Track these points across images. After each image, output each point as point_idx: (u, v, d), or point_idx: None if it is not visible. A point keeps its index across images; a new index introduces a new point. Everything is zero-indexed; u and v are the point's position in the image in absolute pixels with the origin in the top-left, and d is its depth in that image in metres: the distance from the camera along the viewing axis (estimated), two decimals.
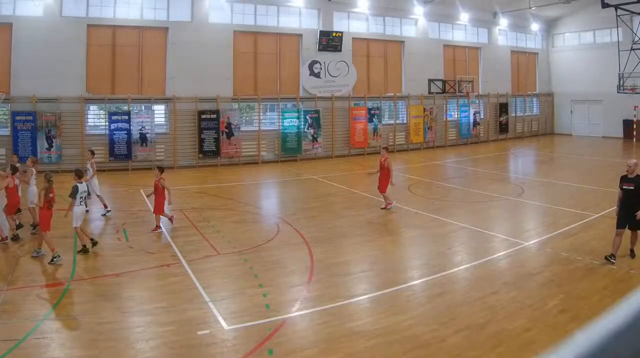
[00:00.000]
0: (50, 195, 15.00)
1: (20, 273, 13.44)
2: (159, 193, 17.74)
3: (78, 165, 28.60)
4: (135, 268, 13.70)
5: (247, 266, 13.84)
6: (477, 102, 46.86)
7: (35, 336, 9.71)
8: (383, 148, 22.15)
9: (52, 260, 14.10)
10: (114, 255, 15.03)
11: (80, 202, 15.57)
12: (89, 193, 16.82)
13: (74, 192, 15.40)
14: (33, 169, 18.59)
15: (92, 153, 21.33)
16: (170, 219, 18.00)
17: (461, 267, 13.90)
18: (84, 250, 15.04)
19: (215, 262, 14.29)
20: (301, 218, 19.50)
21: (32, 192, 17.48)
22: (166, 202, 17.87)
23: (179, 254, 14.81)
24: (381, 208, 20.45)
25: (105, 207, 20.03)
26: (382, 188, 20.74)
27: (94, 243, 15.61)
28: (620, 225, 13.85)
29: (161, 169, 18.33)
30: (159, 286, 12.57)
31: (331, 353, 9.19)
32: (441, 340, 9.55)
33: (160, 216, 17.79)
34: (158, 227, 17.48)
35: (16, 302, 11.41)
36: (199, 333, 9.92)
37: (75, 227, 15.34)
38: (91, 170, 20.18)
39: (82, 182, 15.90)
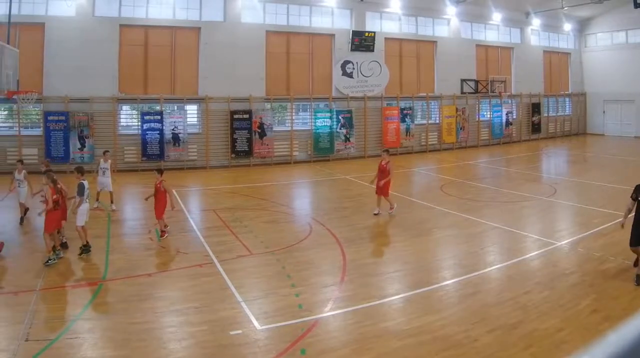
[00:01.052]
0: (54, 196, 13.93)
1: (53, 273, 12.75)
2: (160, 196, 16.23)
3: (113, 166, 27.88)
4: (168, 268, 13.32)
5: (280, 266, 13.25)
6: (509, 102, 43.94)
7: (68, 336, 9.35)
8: (384, 151, 19.99)
9: (47, 261, 13.17)
10: (146, 255, 14.43)
11: (86, 199, 14.69)
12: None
13: (81, 190, 14.39)
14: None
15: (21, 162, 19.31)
16: (162, 233, 16.13)
17: (493, 267, 13.30)
18: (86, 250, 14.08)
19: (247, 262, 13.66)
20: (333, 218, 18.45)
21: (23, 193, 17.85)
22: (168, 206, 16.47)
23: (211, 254, 14.11)
24: (388, 212, 18.76)
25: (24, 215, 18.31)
26: (384, 192, 18.74)
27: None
28: (635, 243, 12.03)
29: (161, 171, 16.80)
30: (192, 286, 12.02)
31: (363, 353, 8.82)
32: (473, 340, 9.16)
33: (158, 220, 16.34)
34: (164, 231, 16.05)
35: (49, 302, 10.99)
36: (231, 333, 9.52)
37: (79, 226, 14.29)
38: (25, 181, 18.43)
39: (85, 179, 14.79)
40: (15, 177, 18.21)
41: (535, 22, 45.35)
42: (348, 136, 35.49)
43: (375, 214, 18.52)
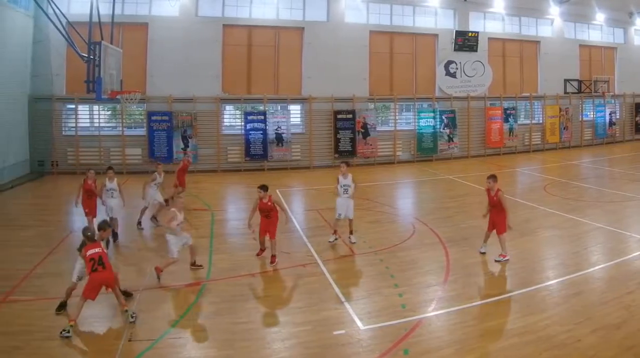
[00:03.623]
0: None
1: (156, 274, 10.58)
2: (274, 214, 11.59)
3: (214, 165, 24.11)
4: (271, 268, 11.24)
5: (383, 266, 11.40)
6: (613, 102, 35.83)
7: (171, 336, 8.04)
8: (489, 177, 11.83)
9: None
10: (249, 255, 12.03)
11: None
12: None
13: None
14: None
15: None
16: (274, 258, 11.68)
17: (596, 267, 11.22)
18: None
19: (351, 262, 11.88)
20: (437, 218, 15.70)
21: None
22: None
23: (314, 254, 12.10)
24: (495, 259, 11.65)
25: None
26: (497, 228, 11.61)
27: None
28: None
29: (266, 188, 11.55)
30: (295, 286, 10.39)
31: (467, 353, 7.47)
32: (577, 340, 7.76)
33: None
34: (275, 256, 11.57)
35: (152, 302, 9.31)
36: (335, 333, 8.15)
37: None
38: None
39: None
40: (107, 187, 13.21)
41: (639, 22, 37.24)
42: (451, 136, 29.07)
43: (481, 253, 12.02)
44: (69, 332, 7.89)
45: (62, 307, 8.73)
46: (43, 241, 12.96)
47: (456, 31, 29.71)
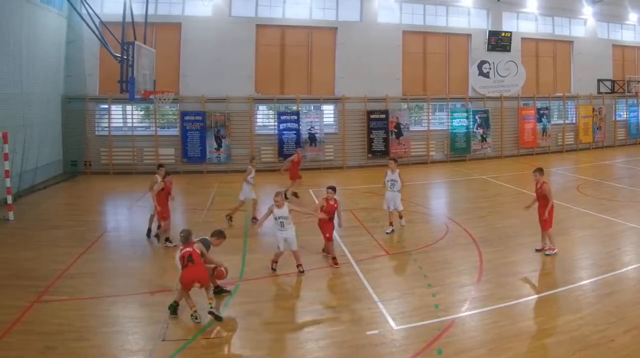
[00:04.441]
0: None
1: None
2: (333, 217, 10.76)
3: (247, 165, 21.93)
4: (305, 268, 10.09)
5: (416, 266, 10.59)
6: None
7: (204, 336, 7.53)
8: (535, 171, 11.59)
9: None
10: (284, 255, 10.41)
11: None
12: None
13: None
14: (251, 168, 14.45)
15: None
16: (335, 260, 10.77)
17: (630, 267, 10.33)
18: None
19: (384, 262, 10.98)
20: (470, 218, 14.78)
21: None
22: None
23: (348, 254, 11.22)
24: (545, 252, 11.46)
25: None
26: (543, 224, 11.32)
27: None
28: None
29: (334, 189, 10.92)
30: (328, 286, 9.75)
31: (500, 353, 7.02)
32: (610, 340, 7.27)
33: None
34: (335, 259, 10.70)
35: (185, 302, 8.19)
36: (368, 333, 7.63)
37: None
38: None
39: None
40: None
41: None
42: (484, 136, 27.11)
43: (537, 250, 11.54)
44: (197, 318, 7.91)
45: (173, 308, 8.32)
46: (76, 241, 12.30)
47: (489, 31, 27.75)
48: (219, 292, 8.89)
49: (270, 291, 9.42)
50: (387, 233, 12.88)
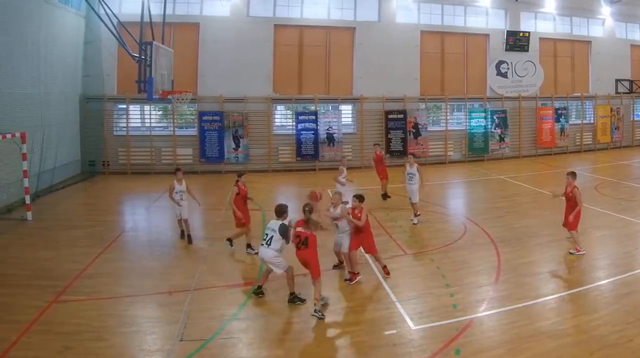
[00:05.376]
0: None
1: (207, 273, 9.94)
2: (366, 228, 9.80)
3: (265, 165, 22.32)
4: (323, 268, 9.04)
5: (434, 266, 10.41)
6: None
7: (222, 336, 7.48)
8: (567, 174, 11.63)
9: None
10: None
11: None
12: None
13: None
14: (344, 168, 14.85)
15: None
16: (353, 276, 9.85)
17: None
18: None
19: (402, 262, 10.72)
20: (488, 218, 14.54)
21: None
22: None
23: (365, 254, 10.35)
24: (570, 251, 11.36)
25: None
26: (569, 223, 11.28)
27: None
28: None
29: (362, 198, 9.89)
30: (346, 286, 9.42)
31: (518, 353, 6.95)
32: (628, 340, 7.18)
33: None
34: (355, 275, 9.73)
35: (204, 302, 8.62)
36: (386, 333, 7.56)
37: None
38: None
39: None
40: (176, 189, 11.85)
41: None
42: (503, 136, 26.36)
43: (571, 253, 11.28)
44: (317, 311, 8.00)
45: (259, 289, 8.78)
46: (94, 241, 12.12)
47: (507, 31, 26.95)
48: (292, 300, 8.60)
49: (287, 291, 9.01)
50: (414, 224, 13.49)
